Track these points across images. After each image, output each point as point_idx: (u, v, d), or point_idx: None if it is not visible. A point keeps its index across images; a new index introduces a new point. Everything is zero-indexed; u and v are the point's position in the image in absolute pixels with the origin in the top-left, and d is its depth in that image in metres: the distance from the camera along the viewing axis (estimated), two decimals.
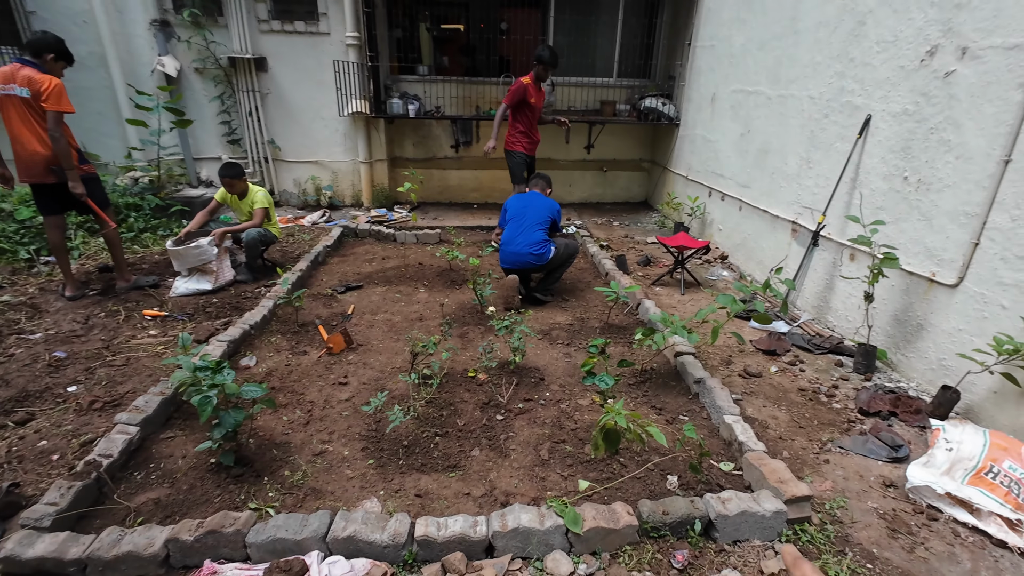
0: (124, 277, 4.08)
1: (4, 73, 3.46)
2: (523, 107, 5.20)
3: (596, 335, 3.57)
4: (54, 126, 3.48)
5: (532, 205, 4.01)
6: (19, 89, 3.44)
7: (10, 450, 2.31)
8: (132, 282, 4.10)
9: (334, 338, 3.28)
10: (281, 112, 6.30)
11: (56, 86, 3.49)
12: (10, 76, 3.45)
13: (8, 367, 2.96)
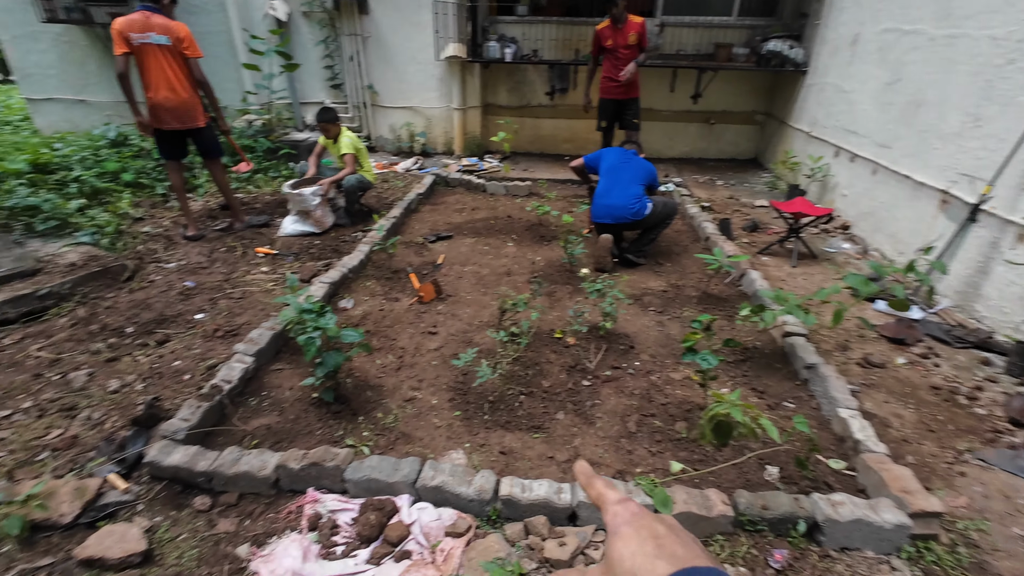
0: (239, 218, 4.39)
1: (137, 21, 3.53)
2: (604, 53, 4.95)
3: (692, 304, 3.34)
4: (200, 71, 3.75)
5: (631, 162, 3.78)
6: (157, 37, 3.57)
7: (152, 366, 2.62)
8: (246, 222, 4.41)
9: (425, 287, 3.34)
10: (379, 56, 6.31)
11: (190, 33, 3.68)
12: (145, 24, 3.54)
13: (149, 292, 3.34)
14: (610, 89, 5.07)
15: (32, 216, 3.97)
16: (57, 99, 6.62)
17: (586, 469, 0.48)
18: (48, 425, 2.22)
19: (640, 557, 0.37)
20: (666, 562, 0.35)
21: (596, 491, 0.46)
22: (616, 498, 0.44)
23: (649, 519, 0.40)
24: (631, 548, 0.37)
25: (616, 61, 4.92)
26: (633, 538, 0.38)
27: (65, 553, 1.69)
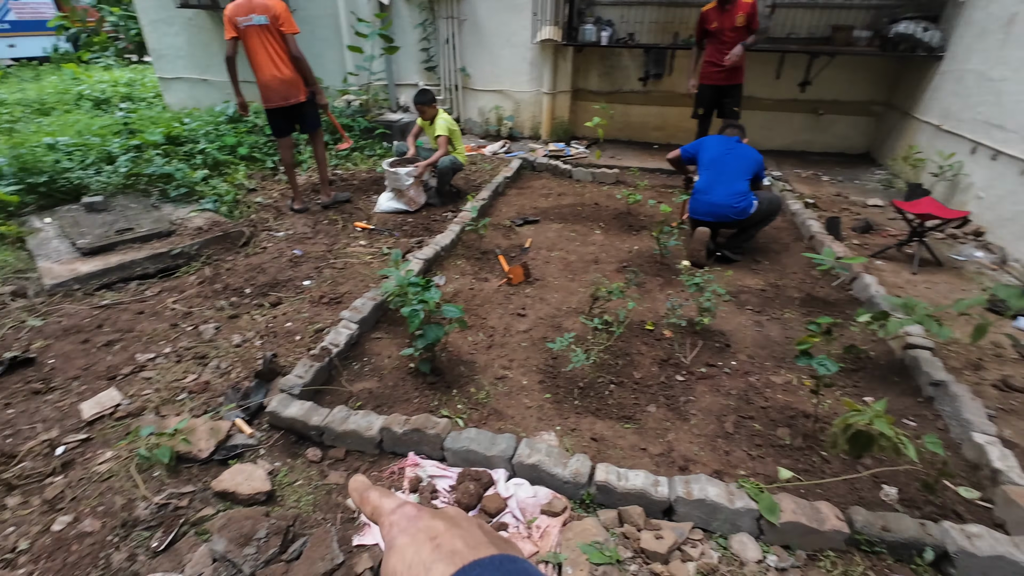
0: (326, 192, 4.53)
1: (242, 5, 3.70)
2: (707, 36, 4.67)
3: (795, 306, 3.14)
4: (296, 47, 3.85)
5: (735, 151, 3.56)
6: (257, 18, 3.72)
7: (267, 325, 2.86)
8: (332, 197, 4.54)
9: (515, 270, 3.37)
10: (474, 39, 6.38)
11: (287, 9, 3.78)
12: (248, 7, 3.70)
13: (263, 257, 3.62)
14: (711, 74, 4.81)
15: (166, 183, 4.42)
16: (184, 78, 7.29)
17: (360, 483, 0.44)
18: (185, 370, 2.49)
19: (416, 567, 0.33)
20: (444, 563, 0.32)
21: (371, 504, 0.41)
22: (391, 506, 0.39)
23: (426, 519, 0.37)
24: (406, 559, 0.34)
25: (720, 45, 4.65)
26: (408, 547, 0.34)
27: (203, 484, 1.90)
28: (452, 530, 0.35)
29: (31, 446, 2.05)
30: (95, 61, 11.47)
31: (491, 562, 0.31)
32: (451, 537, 0.34)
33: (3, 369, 2.44)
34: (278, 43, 3.84)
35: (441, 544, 0.33)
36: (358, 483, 0.43)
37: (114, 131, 5.35)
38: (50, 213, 4.00)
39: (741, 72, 4.80)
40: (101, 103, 7.73)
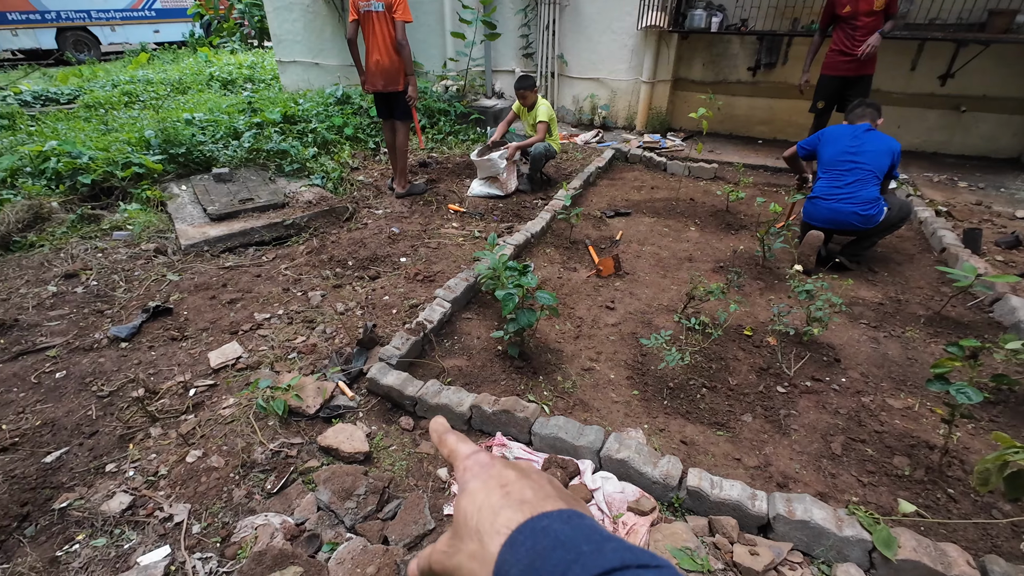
0: (400, 183, 4.50)
1: None
2: (836, 21, 4.22)
3: (919, 325, 2.83)
4: (403, 34, 3.89)
5: (866, 146, 3.16)
6: (376, 4, 3.86)
7: (367, 297, 3.02)
8: (406, 189, 4.53)
9: (605, 262, 3.31)
10: (574, 25, 6.28)
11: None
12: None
13: (364, 233, 3.83)
14: (838, 64, 4.37)
15: (282, 159, 4.79)
16: (299, 62, 7.82)
17: (440, 424, 0.45)
18: (295, 331, 2.70)
19: (485, 511, 0.33)
20: (512, 510, 0.32)
21: (448, 447, 0.42)
22: (467, 452, 0.40)
23: (499, 467, 0.37)
24: (476, 502, 0.34)
25: (852, 31, 4.21)
26: (479, 491, 0.35)
27: (310, 437, 2.06)
28: (522, 480, 0.35)
29: (169, 385, 2.33)
30: (223, 45, 12.64)
31: (559, 515, 0.31)
32: (521, 487, 0.34)
33: (148, 316, 2.78)
34: (390, 30, 3.94)
35: (511, 492, 0.34)
36: (438, 424, 0.45)
37: (239, 109, 5.87)
38: (186, 181, 4.48)
39: (873, 62, 4.33)
40: (228, 84, 8.51)
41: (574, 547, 0.28)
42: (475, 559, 0.32)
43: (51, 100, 7.46)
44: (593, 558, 0.27)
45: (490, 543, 0.31)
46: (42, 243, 3.55)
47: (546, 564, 0.28)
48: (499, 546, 0.30)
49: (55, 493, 1.83)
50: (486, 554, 0.31)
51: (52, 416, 2.18)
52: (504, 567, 0.29)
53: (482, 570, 0.31)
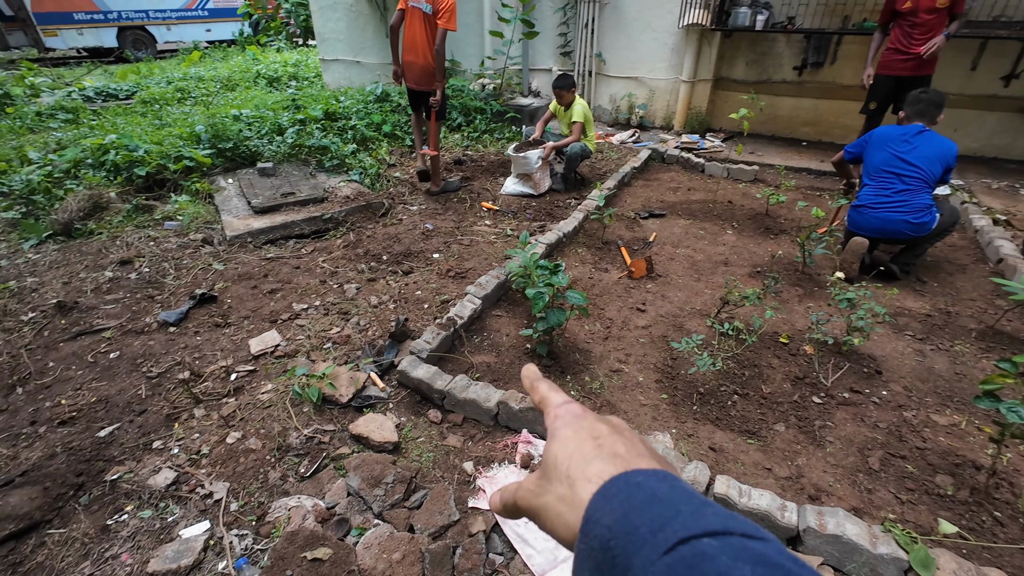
0: (436, 183, 4.51)
1: None
2: (896, 17, 4.00)
3: (970, 339, 2.69)
4: (441, 41, 3.86)
5: (918, 151, 3.00)
6: (424, 4, 3.91)
7: (400, 291, 3.09)
8: (442, 187, 4.56)
9: (637, 263, 3.28)
10: (613, 23, 6.21)
11: (452, 5, 3.81)
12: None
13: (398, 228, 3.91)
14: (895, 63, 4.15)
15: (322, 155, 4.93)
16: (341, 60, 8.02)
17: (532, 371, 0.45)
18: (331, 322, 2.79)
19: (576, 458, 0.33)
20: (603, 462, 0.32)
21: (540, 394, 0.42)
22: (559, 400, 0.40)
23: (591, 419, 0.37)
24: (568, 449, 0.34)
25: (910, 29, 4.00)
26: (571, 439, 0.35)
27: (342, 425, 2.12)
28: (615, 435, 0.35)
29: (212, 369, 2.44)
30: (269, 44, 13.08)
31: (654, 473, 0.30)
32: (613, 441, 0.34)
33: (195, 303, 2.93)
34: (430, 33, 3.94)
35: (603, 445, 0.34)
36: (531, 371, 0.45)
37: (284, 106, 6.07)
38: (232, 175, 4.67)
39: (933, 63, 4.09)
40: (273, 81, 8.80)
41: (672, 505, 0.27)
42: (564, 502, 0.32)
43: (111, 96, 7.89)
44: (693, 518, 0.26)
45: (580, 489, 0.32)
46: (100, 231, 3.77)
47: (642, 516, 0.27)
48: (589, 493, 0.31)
49: (107, 466, 1.96)
50: (575, 498, 0.31)
51: (106, 393, 2.32)
52: (596, 515, 0.29)
53: (570, 513, 0.32)
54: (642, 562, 0.25)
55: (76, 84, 8.31)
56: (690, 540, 0.25)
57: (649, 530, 0.26)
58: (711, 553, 0.24)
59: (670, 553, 0.25)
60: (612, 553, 0.27)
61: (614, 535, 0.27)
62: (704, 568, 0.23)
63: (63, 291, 3.08)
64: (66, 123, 6.16)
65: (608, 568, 0.26)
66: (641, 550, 0.25)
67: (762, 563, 0.23)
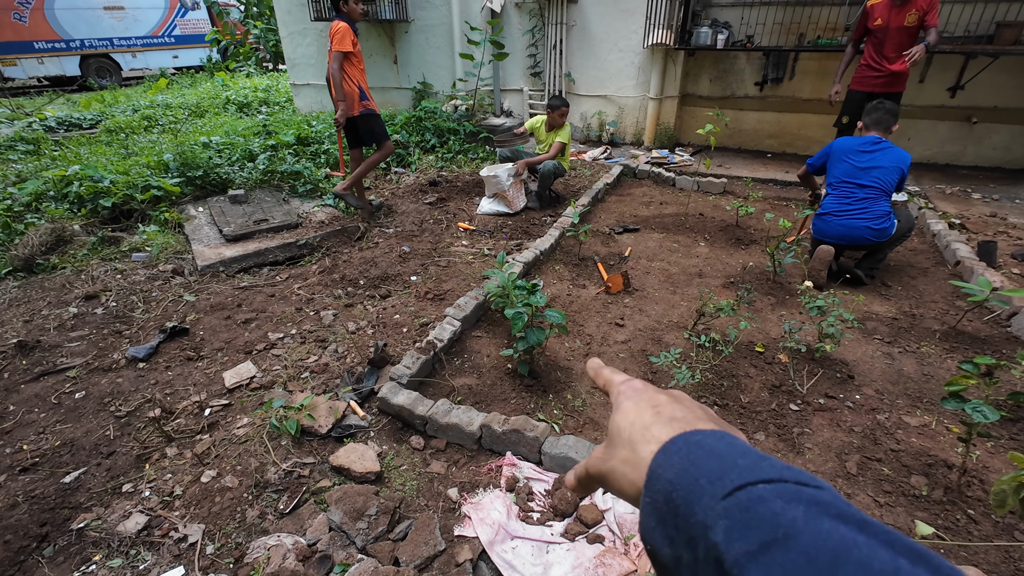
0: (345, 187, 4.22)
1: None
2: (868, 34, 4.19)
3: (935, 340, 2.79)
4: (333, 63, 3.84)
5: (876, 160, 3.14)
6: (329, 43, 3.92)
7: (378, 316, 3.06)
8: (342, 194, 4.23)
9: (614, 279, 3.32)
10: (581, 44, 6.38)
11: (339, 30, 3.79)
12: None
13: (375, 252, 3.89)
14: (868, 79, 4.30)
15: (295, 180, 4.89)
16: (312, 84, 8.02)
17: (596, 362, 0.49)
18: (308, 351, 2.74)
19: (637, 425, 0.36)
20: (664, 426, 0.34)
21: (604, 378, 0.46)
22: (621, 379, 0.43)
23: (651, 392, 0.39)
24: (629, 419, 0.37)
25: (880, 46, 4.14)
26: (632, 410, 0.38)
27: (322, 457, 2.07)
28: (673, 404, 0.37)
29: (185, 405, 2.36)
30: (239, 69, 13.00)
31: (712, 433, 0.32)
32: (672, 408, 0.37)
33: (165, 337, 2.84)
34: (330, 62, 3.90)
35: (662, 412, 0.36)
36: (594, 363, 0.50)
37: (254, 132, 6.03)
38: (203, 203, 4.59)
39: (904, 80, 4.24)
40: (243, 107, 8.74)
41: (729, 458, 0.29)
42: (627, 463, 0.35)
43: (74, 125, 7.72)
44: (750, 470, 0.28)
45: (642, 450, 0.34)
46: (64, 265, 3.65)
47: (701, 469, 0.29)
48: (650, 453, 0.33)
49: (73, 513, 1.87)
50: (638, 459, 0.34)
51: (71, 436, 2.22)
52: (658, 471, 0.31)
53: (634, 472, 0.34)
54: (703, 508, 0.27)
55: (37, 114, 8.11)
56: (746, 487, 0.27)
57: (708, 480, 0.28)
58: (766, 497, 0.26)
59: (728, 498, 0.27)
60: (675, 503, 0.29)
61: (675, 487, 0.29)
62: (759, 509, 0.25)
63: (24, 330, 2.96)
64: (26, 155, 5.99)
65: (671, 517, 0.29)
66: (701, 498, 0.28)
67: (815, 503, 0.25)
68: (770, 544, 0.24)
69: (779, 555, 0.23)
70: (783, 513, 0.24)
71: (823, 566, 0.22)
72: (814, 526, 0.24)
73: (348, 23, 3.89)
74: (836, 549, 0.22)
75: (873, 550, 0.22)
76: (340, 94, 3.95)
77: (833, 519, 0.24)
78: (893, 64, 4.14)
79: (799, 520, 0.24)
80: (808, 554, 0.23)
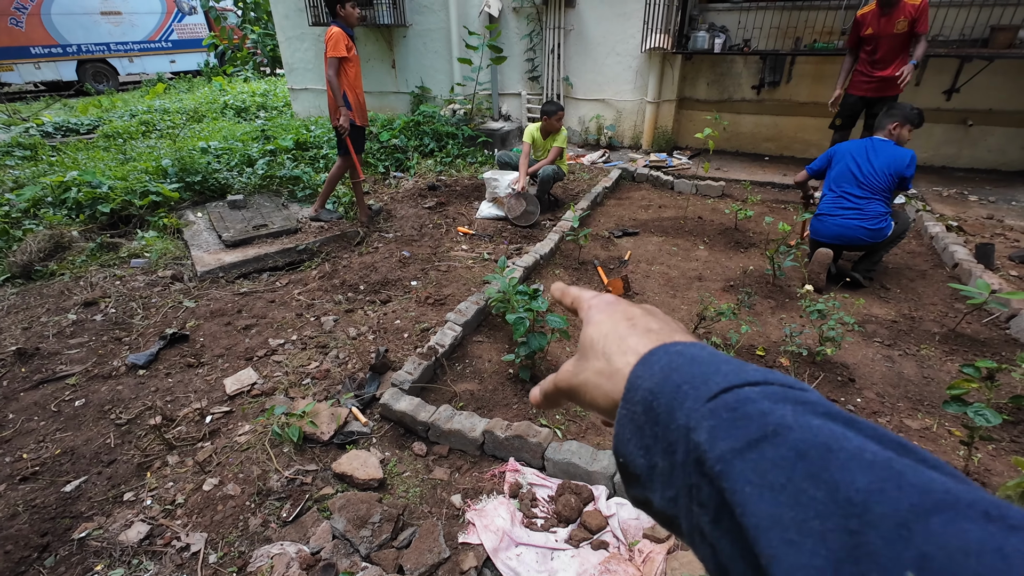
0: (363, 214, 4.37)
1: None
2: (861, 43, 4.24)
3: (934, 343, 2.80)
4: (329, 70, 3.82)
5: (874, 162, 3.16)
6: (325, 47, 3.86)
7: (379, 321, 3.05)
8: (318, 214, 4.36)
9: (614, 283, 3.33)
10: (579, 48, 6.40)
11: (332, 36, 3.78)
12: None
13: (375, 257, 3.88)
14: (860, 84, 4.36)
15: (294, 185, 4.89)
16: (310, 89, 8.02)
17: (560, 284, 0.48)
18: (309, 357, 2.73)
19: (611, 337, 0.34)
20: (640, 337, 0.33)
21: (571, 295, 0.44)
22: (591, 294, 0.42)
23: (624, 304, 0.38)
24: (603, 330, 0.35)
25: (874, 53, 4.18)
26: (605, 322, 0.36)
27: (324, 464, 2.07)
28: (647, 316, 0.36)
29: (185, 413, 2.36)
30: (236, 74, 13.00)
31: (692, 344, 0.31)
32: (647, 320, 0.35)
33: (165, 343, 2.83)
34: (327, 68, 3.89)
35: (636, 323, 0.35)
36: (558, 285, 0.48)
37: (253, 137, 6.02)
38: (201, 208, 4.58)
39: (897, 85, 4.31)
40: (241, 111, 8.73)
41: (712, 364, 0.28)
42: (602, 375, 0.34)
43: (71, 131, 7.70)
44: (735, 373, 0.27)
45: (618, 361, 0.33)
46: (62, 272, 3.64)
47: (683, 375, 0.28)
48: (627, 364, 0.32)
49: (74, 523, 1.85)
50: (613, 370, 0.33)
51: (71, 445, 2.21)
52: (637, 381, 0.30)
53: (609, 383, 0.33)
54: (685, 412, 0.26)
55: (34, 119, 8.08)
56: (732, 389, 0.26)
57: (691, 386, 0.27)
58: (753, 397, 0.25)
59: (713, 400, 0.26)
60: (655, 412, 0.28)
61: (656, 396, 0.28)
62: (746, 409, 0.25)
63: (23, 337, 2.95)
64: (23, 160, 5.97)
65: (650, 426, 0.28)
66: (684, 403, 0.27)
67: (801, 403, 0.25)
68: (758, 441, 0.23)
69: (768, 450, 0.23)
70: (771, 412, 0.24)
71: (814, 459, 0.22)
72: (803, 422, 0.23)
73: (343, 28, 3.89)
74: (826, 443, 0.22)
75: (863, 443, 0.22)
76: (339, 99, 3.95)
77: (821, 416, 0.24)
78: (885, 70, 4.18)
79: (787, 417, 0.24)
80: (798, 448, 0.22)
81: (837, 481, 0.21)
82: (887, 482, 0.20)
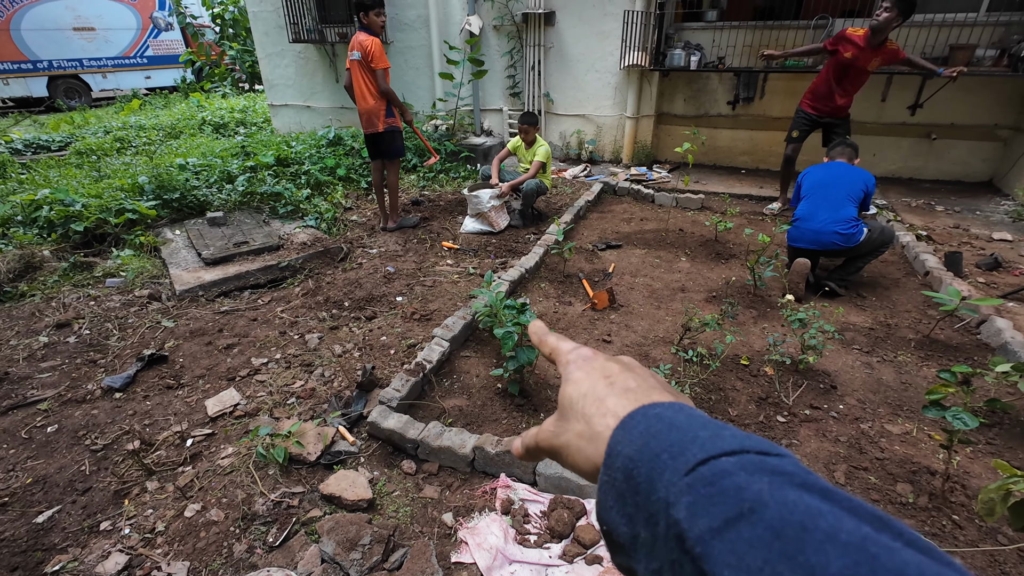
0: (393, 218, 4.62)
1: (351, 41, 4.12)
2: (834, 56, 4.35)
3: (910, 349, 2.88)
4: (383, 81, 4.09)
5: (840, 175, 3.37)
6: (355, 53, 4.07)
7: (364, 338, 3.02)
8: (397, 223, 4.62)
9: (600, 295, 3.36)
10: (559, 65, 6.51)
11: (375, 46, 4.00)
12: (352, 43, 4.10)
13: (359, 273, 3.85)
14: (820, 105, 4.51)
15: (276, 201, 4.84)
16: (291, 105, 7.99)
17: (539, 327, 0.46)
18: (293, 376, 2.68)
19: (590, 397, 0.35)
20: (619, 398, 0.33)
21: (549, 346, 0.43)
22: (569, 347, 0.41)
23: (602, 360, 0.38)
24: (581, 389, 0.36)
25: (843, 78, 4.31)
26: (584, 380, 0.36)
27: (311, 486, 2.02)
28: (626, 373, 0.36)
29: (165, 436, 2.28)
30: (214, 90, 12.88)
31: (670, 405, 0.31)
32: (624, 378, 0.35)
33: (143, 365, 2.75)
34: (367, 77, 4.11)
35: (615, 383, 0.35)
36: (537, 327, 0.47)
37: (232, 153, 5.95)
38: (180, 226, 4.50)
39: (848, 105, 4.47)
40: (220, 127, 8.64)
41: (690, 431, 0.28)
42: (583, 438, 0.34)
43: (42, 148, 7.51)
44: (711, 441, 0.27)
45: (597, 424, 0.33)
46: (33, 293, 3.52)
47: (662, 444, 0.28)
48: (607, 427, 0.32)
49: (47, 556, 1.77)
50: (593, 433, 0.33)
51: (43, 473, 2.12)
52: (617, 447, 0.30)
53: (590, 447, 0.33)
54: (664, 485, 0.26)
55: (2, 136, 7.87)
56: (709, 460, 0.26)
57: (670, 455, 0.27)
58: (730, 470, 0.25)
59: (691, 473, 0.26)
60: (635, 481, 0.28)
61: (636, 464, 0.28)
62: (723, 483, 0.25)
63: None
64: None
65: (631, 495, 0.28)
66: (663, 474, 0.27)
67: (777, 473, 0.25)
68: (735, 520, 0.23)
69: (745, 530, 0.23)
70: (747, 487, 0.24)
71: (790, 539, 0.22)
72: (779, 497, 0.23)
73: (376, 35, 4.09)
74: (802, 521, 0.22)
75: (839, 519, 0.22)
76: (401, 107, 4.28)
77: (797, 489, 0.24)
78: (844, 98, 4.37)
79: (764, 492, 0.24)
80: (774, 528, 0.22)
81: (812, 565, 0.21)
82: (861, 566, 0.20)
